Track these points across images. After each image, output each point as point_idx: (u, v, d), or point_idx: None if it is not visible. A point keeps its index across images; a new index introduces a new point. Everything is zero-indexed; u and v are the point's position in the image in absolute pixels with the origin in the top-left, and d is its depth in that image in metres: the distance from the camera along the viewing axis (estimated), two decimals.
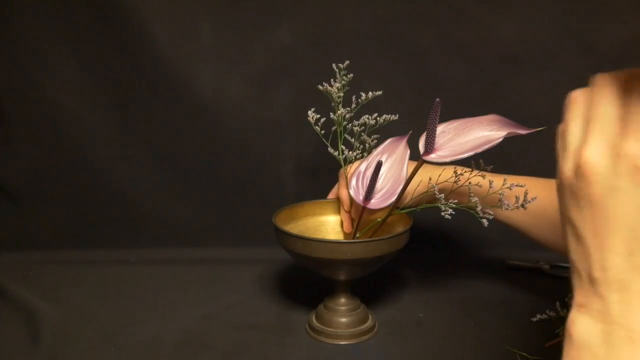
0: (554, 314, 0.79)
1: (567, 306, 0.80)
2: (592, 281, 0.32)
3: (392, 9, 0.96)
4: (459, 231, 1.04)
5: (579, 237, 0.32)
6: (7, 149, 1.01)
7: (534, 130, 0.60)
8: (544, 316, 0.79)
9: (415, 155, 0.68)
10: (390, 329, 0.79)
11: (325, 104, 0.80)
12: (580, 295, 0.33)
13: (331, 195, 0.85)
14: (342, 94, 0.77)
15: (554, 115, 1.06)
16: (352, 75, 0.77)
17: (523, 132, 0.60)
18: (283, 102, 1.00)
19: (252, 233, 1.04)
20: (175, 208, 1.05)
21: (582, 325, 0.32)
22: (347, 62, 0.76)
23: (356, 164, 0.77)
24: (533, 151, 1.01)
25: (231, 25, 0.97)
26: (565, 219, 0.33)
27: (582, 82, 1.06)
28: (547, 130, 0.65)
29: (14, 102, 0.99)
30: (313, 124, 0.78)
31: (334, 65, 0.77)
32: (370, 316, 0.79)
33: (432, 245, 1.04)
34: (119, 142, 1.01)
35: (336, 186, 0.84)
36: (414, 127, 0.70)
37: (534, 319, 0.79)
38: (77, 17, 0.95)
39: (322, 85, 0.77)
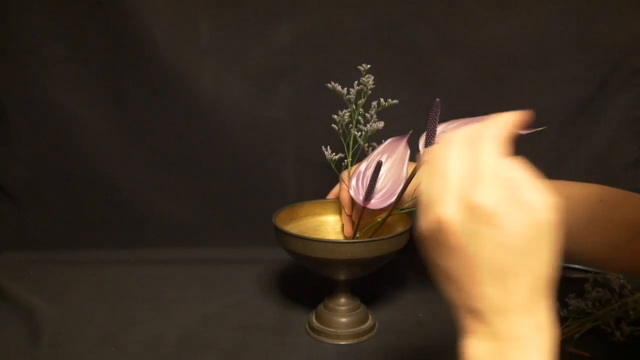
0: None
1: (567, 306, 0.80)
2: (473, 312, 0.35)
3: (392, 9, 0.96)
4: None
5: (450, 279, 0.36)
6: (7, 149, 1.01)
7: (534, 130, 0.60)
8: None
9: (415, 156, 0.67)
10: (390, 329, 0.79)
11: (325, 105, 0.80)
12: (463, 326, 0.36)
13: (331, 197, 0.85)
14: (353, 97, 0.76)
15: (554, 115, 1.06)
16: (372, 77, 0.76)
17: (522, 132, 0.60)
18: (283, 102, 1.00)
19: (252, 233, 1.04)
20: (175, 208, 1.05)
21: (475, 347, 0.35)
22: (369, 66, 0.75)
23: (357, 167, 0.77)
24: (533, 151, 1.01)
25: (231, 25, 0.97)
26: (432, 265, 0.37)
27: (582, 82, 1.07)
28: (547, 130, 0.65)
29: (14, 102, 0.99)
30: (338, 123, 0.77)
31: (360, 67, 0.76)
32: (370, 316, 0.79)
33: None
34: (119, 142, 1.01)
35: (336, 187, 0.84)
36: (414, 127, 0.70)
37: None
38: (77, 17, 0.95)
39: (332, 84, 0.76)
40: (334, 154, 0.77)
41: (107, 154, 1.02)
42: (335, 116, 0.77)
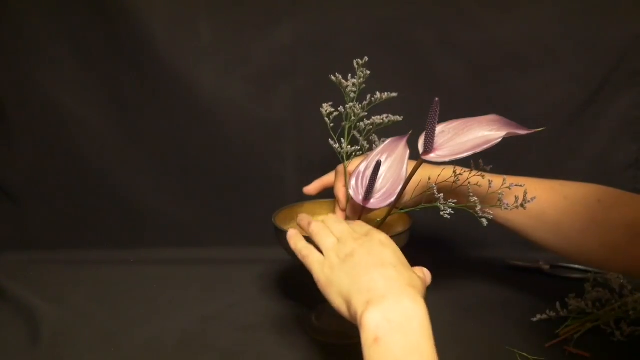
0: (554, 314, 0.79)
1: (567, 306, 0.80)
2: (369, 290, 0.51)
3: (392, 9, 0.96)
4: (459, 231, 1.04)
5: (350, 278, 0.54)
6: (7, 149, 1.01)
7: (533, 131, 0.60)
8: (544, 316, 0.79)
9: (415, 155, 0.67)
10: None
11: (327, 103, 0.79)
12: (359, 305, 0.51)
13: (311, 188, 0.83)
14: (355, 89, 0.76)
15: (554, 115, 1.06)
16: (369, 72, 0.75)
17: (522, 132, 0.60)
18: (283, 102, 1.00)
19: (252, 233, 1.04)
20: (175, 208, 1.05)
21: (372, 312, 0.49)
22: (366, 58, 0.75)
23: (356, 161, 0.76)
24: (532, 151, 1.01)
25: (231, 25, 0.97)
26: (335, 283, 0.56)
27: (582, 82, 1.06)
28: (547, 130, 0.65)
29: (14, 102, 0.99)
30: (325, 116, 0.77)
31: (354, 61, 0.75)
32: None
33: (432, 245, 1.04)
34: (119, 142, 1.01)
35: (322, 178, 0.83)
36: (414, 127, 0.69)
37: (534, 319, 0.79)
38: (77, 17, 0.95)
39: (336, 77, 0.76)
40: (349, 145, 0.77)
41: (107, 154, 1.02)
42: (323, 110, 0.76)
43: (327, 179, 0.82)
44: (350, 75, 0.75)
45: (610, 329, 0.76)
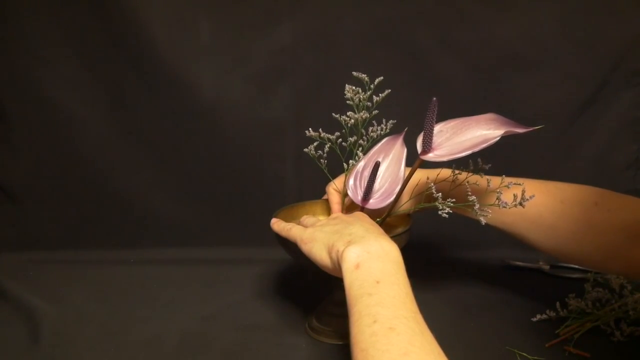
0: (554, 314, 0.79)
1: (567, 306, 0.80)
2: (350, 235, 0.57)
3: (392, 9, 0.96)
4: (459, 231, 1.03)
5: (337, 231, 0.60)
6: (7, 149, 1.01)
7: (531, 129, 0.60)
8: (544, 316, 0.79)
9: (413, 155, 0.67)
10: None
11: (325, 105, 0.79)
12: (341, 245, 0.56)
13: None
14: (365, 100, 0.74)
15: (554, 115, 1.06)
16: (389, 91, 0.74)
17: (521, 130, 0.60)
18: (283, 102, 1.00)
19: (252, 233, 1.03)
20: (175, 208, 1.05)
21: (349, 250, 0.54)
22: (381, 78, 0.74)
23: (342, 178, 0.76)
24: (532, 151, 1.01)
25: (231, 25, 0.97)
26: (318, 238, 0.61)
27: (582, 82, 1.06)
28: (547, 130, 0.65)
29: (14, 102, 0.99)
30: (345, 125, 0.75)
31: (357, 74, 0.74)
32: None
33: (432, 246, 1.04)
34: (119, 142, 1.01)
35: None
36: (415, 126, 0.70)
37: (534, 319, 0.79)
38: (77, 17, 0.95)
39: (340, 115, 0.74)
40: (313, 150, 0.76)
41: (106, 154, 1.02)
42: (344, 117, 0.75)
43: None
44: (370, 92, 0.74)
45: (610, 329, 0.76)
